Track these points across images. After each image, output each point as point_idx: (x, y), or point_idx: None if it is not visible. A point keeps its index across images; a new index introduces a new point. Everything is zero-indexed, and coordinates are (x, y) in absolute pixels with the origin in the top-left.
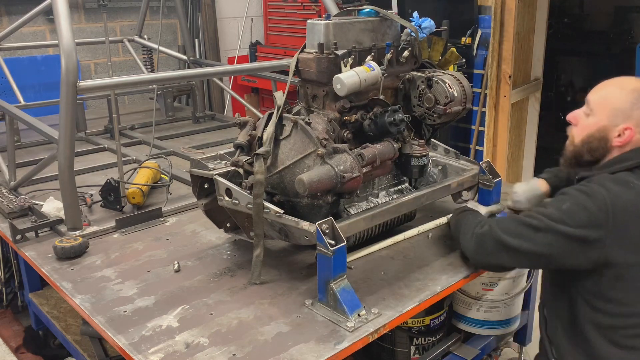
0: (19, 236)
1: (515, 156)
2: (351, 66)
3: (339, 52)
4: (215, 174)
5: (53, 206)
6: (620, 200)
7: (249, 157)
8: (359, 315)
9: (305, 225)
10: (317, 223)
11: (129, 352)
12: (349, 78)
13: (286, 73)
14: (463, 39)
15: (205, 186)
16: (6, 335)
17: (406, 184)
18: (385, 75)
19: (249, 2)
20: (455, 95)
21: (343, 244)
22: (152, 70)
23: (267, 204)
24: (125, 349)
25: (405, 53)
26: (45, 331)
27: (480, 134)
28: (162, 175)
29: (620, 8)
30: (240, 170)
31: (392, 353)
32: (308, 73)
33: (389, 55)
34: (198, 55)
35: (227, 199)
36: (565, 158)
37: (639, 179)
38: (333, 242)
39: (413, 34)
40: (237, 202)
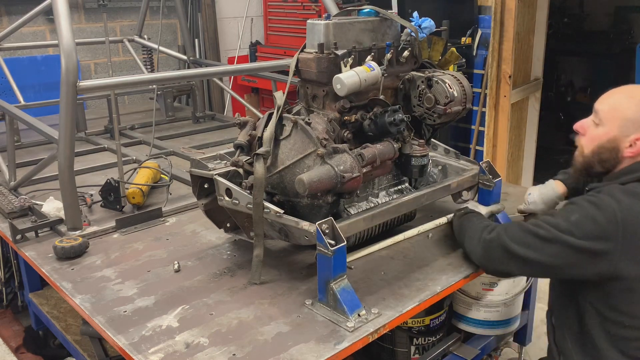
0: (19, 236)
1: (515, 156)
2: (351, 66)
3: (339, 52)
4: (215, 174)
5: (53, 206)
6: (631, 213)
7: (249, 157)
8: (359, 315)
9: (305, 225)
10: (317, 223)
11: (129, 352)
12: (349, 78)
13: (286, 73)
14: (463, 39)
15: (205, 186)
16: (6, 335)
17: (406, 184)
18: (385, 75)
19: (249, 2)
20: (455, 95)
21: (343, 244)
22: (152, 70)
23: (267, 204)
24: (125, 349)
25: (405, 53)
26: (45, 331)
27: (480, 134)
28: (162, 175)
29: (620, 8)
30: (240, 170)
31: (392, 353)
32: (308, 73)
33: (389, 55)
34: (198, 55)
35: (227, 199)
36: (575, 169)
37: None
38: (333, 242)
39: (413, 34)
40: (237, 202)
